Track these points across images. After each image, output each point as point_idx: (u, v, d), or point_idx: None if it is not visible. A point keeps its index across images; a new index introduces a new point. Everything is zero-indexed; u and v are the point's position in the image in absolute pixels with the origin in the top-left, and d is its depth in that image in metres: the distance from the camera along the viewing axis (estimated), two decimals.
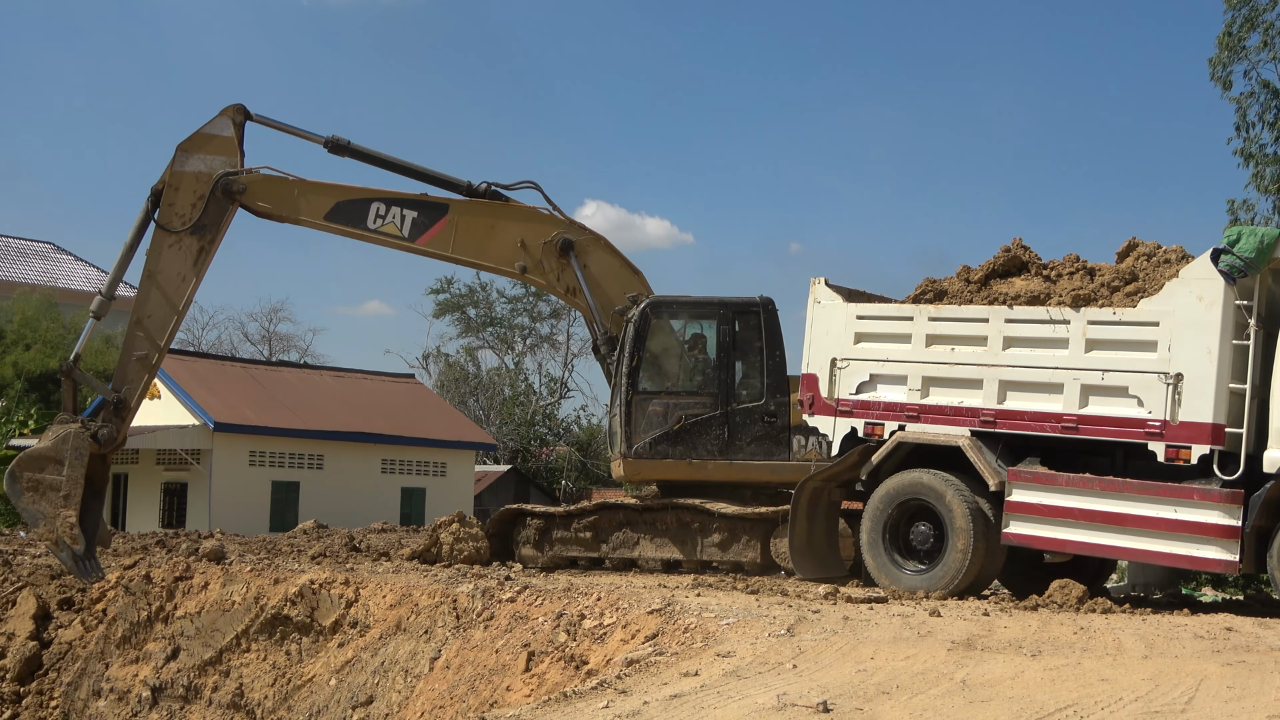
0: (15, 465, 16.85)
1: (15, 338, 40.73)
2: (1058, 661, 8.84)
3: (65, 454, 16.93)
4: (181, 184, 17.82)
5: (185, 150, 17.88)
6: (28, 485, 16.72)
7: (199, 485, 35.56)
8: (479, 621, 12.15)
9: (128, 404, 17.72)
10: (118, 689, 15.38)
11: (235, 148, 18.11)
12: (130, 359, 17.83)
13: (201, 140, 17.94)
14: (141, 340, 17.82)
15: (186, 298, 18.03)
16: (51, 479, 16.80)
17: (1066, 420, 12.93)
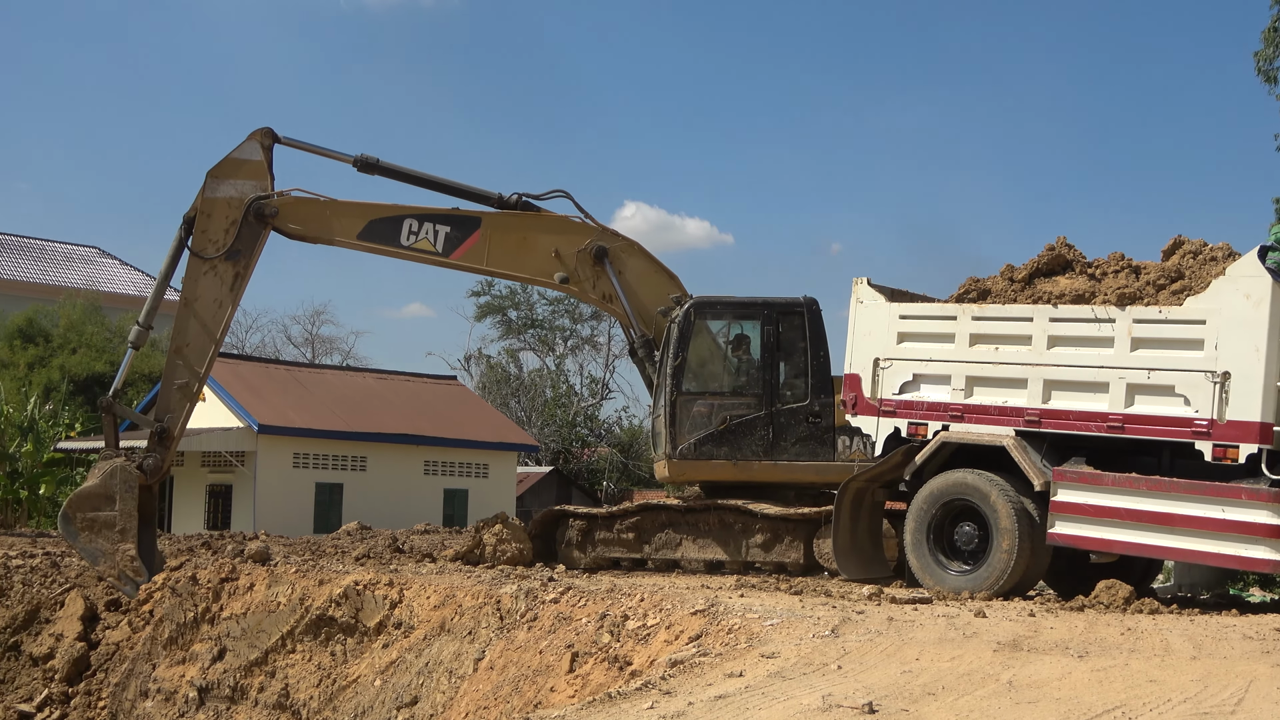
0: (67, 507, 17.10)
1: (61, 341, 41.13)
2: (1105, 662, 8.77)
3: (115, 489, 17.14)
4: (214, 210, 17.90)
5: (216, 176, 17.96)
6: (82, 525, 16.96)
7: (244, 487, 35.79)
8: (523, 622, 12.17)
9: (171, 433, 17.87)
10: (165, 689, 15.48)
11: (265, 171, 18.18)
12: (171, 388, 17.97)
13: (231, 166, 18.02)
14: (181, 369, 17.95)
15: (224, 324, 18.14)
16: (105, 515, 17.02)
17: (1112, 420, 12.83)
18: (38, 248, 53.53)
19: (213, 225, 17.87)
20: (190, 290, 17.90)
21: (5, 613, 17.42)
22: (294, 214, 18.29)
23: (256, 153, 18.13)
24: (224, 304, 17.99)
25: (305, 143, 18.70)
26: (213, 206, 17.89)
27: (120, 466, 17.23)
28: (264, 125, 18.18)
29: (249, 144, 18.12)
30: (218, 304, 17.94)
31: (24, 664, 17.05)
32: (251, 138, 18.14)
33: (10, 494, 33.47)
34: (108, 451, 17.77)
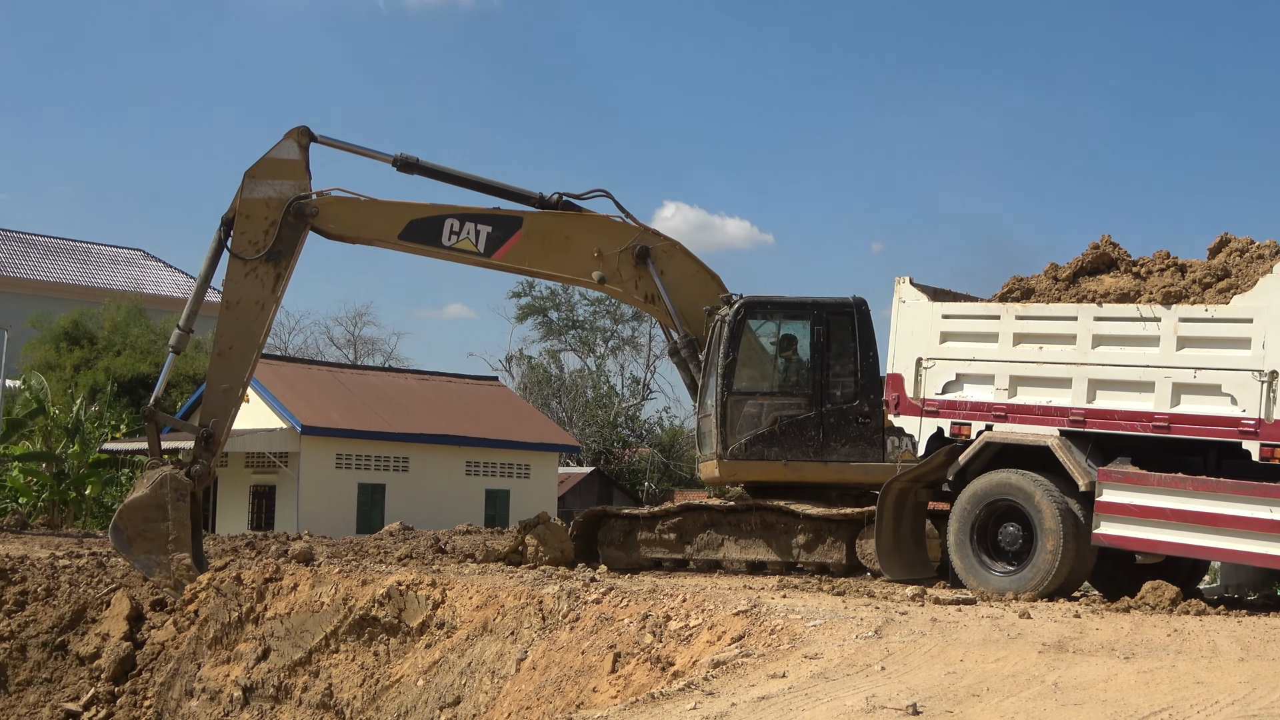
0: (118, 519, 17.11)
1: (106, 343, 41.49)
2: (1151, 664, 8.70)
3: (165, 497, 17.17)
4: (252, 211, 17.78)
5: (253, 177, 17.83)
6: (134, 536, 16.99)
7: (287, 488, 35.99)
8: (565, 623, 12.17)
9: (216, 438, 17.82)
10: (210, 689, 15.57)
11: (303, 170, 18.06)
12: (216, 392, 17.94)
13: (269, 166, 17.89)
14: (225, 372, 17.89)
15: (266, 326, 18.10)
16: (158, 526, 17.08)
17: (1158, 419, 12.73)
18: (83, 250, 54.02)
19: (252, 226, 17.79)
20: (231, 292, 17.85)
21: (52, 612, 17.57)
22: (334, 214, 18.24)
23: (294, 152, 18.04)
24: (265, 305, 17.95)
25: (341, 141, 18.63)
26: (251, 207, 17.78)
27: (169, 475, 17.27)
28: (301, 125, 18.15)
29: (285, 143, 18.02)
30: (259, 306, 17.89)
31: (70, 663, 17.18)
32: (288, 137, 18.04)
33: (57, 495, 33.79)
34: (153, 461, 17.81)
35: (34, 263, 51.02)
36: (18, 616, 17.58)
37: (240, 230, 17.78)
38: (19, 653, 17.29)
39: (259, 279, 17.84)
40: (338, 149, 18.65)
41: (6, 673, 17.23)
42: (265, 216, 17.80)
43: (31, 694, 17.08)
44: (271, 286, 17.90)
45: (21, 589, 17.84)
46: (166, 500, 17.11)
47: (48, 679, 17.16)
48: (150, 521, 17.09)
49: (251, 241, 17.78)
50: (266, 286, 17.88)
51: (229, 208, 17.90)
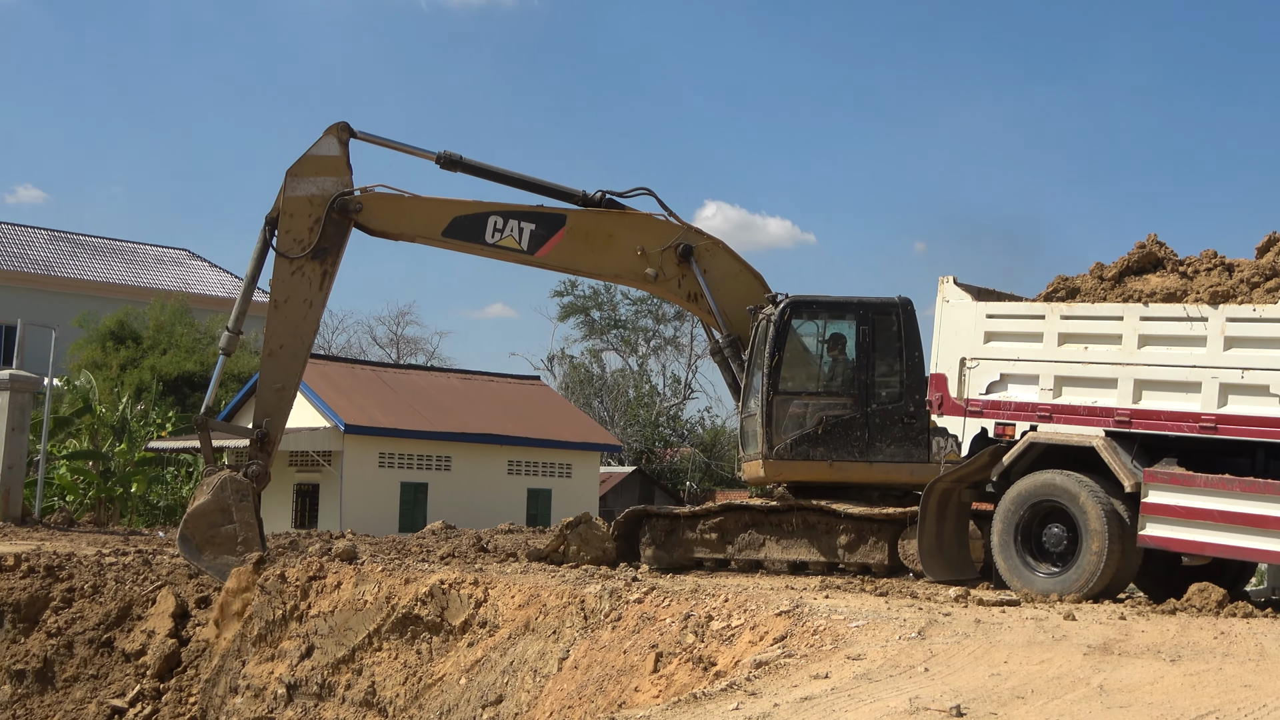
0: (184, 529, 17.21)
1: (151, 343, 41.82)
2: (1198, 667, 8.63)
3: (228, 500, 17.27)
4: (296, 210, 17.82)
5: (295, 175, 17.86)
6: (202, 543, 17.08)
7: (330, 486, 36.17)
8: (607, 622, 12.18)
9: (271, 437, 17.93)
10: (254, 686, 15.67)
11: (345, 167, 18.10)
12: (268, 392, 18.03)
13: (310, 163, 17.92)
14: (276, 372, 17.98)
15: (315, 324, 18.18)
16: (225, 530, 17.18)
17: (1204, 420, 12.62)
18: (129, 250, 54.47)
19: (296, 224, 17.83)
20: (279, 292, 17.90)
21: (99, 609, 17.72)
22: (378, 210, 18.27)
23: (334, 148, 18.05)
24: (313, 303, 18.02)
25: (381, 137, 18.64)
26: (295, 205, 17.82)
27: (228, 478, 17.39)
28: (340, 120, 18.15)
29: (326, 140, 18.04)
30: (307, 304, 17.96)
31: (116, 660, 17.33)
32: (328, 133, 18.05)
33: (104, 492, 34.11)
34: (210, 468, 17.93)
35: (82, 263, 51.48)
36: (65, 613, 17.76)
37: (285, 229, 17.82)
38: (66, 649, 17.46)
39: (306, 277, 17.91)
40: (378, 145, 18.70)
41: (54, 669, 17.41)
42: (309, 214, 17.85)
43: (78, 690, 17.25)
44: (318, 284, 17.96)
45: (69, 586, 18.02)
46: (230, 503, 17.22)
47: (94, 675, 17.32)
48: (216, 526, 17.20)
49: (296, 240, 17.83)
50: (313, 284, 17.94)
51: (273, 207, 17.95)
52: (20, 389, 25.45)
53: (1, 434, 25.05)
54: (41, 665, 17.41)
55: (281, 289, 17.90)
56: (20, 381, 25.53)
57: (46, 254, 50.91)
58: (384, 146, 18.76)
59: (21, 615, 17.88)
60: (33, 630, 17.77)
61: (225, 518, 17.09)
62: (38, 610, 17.86)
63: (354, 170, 18.15)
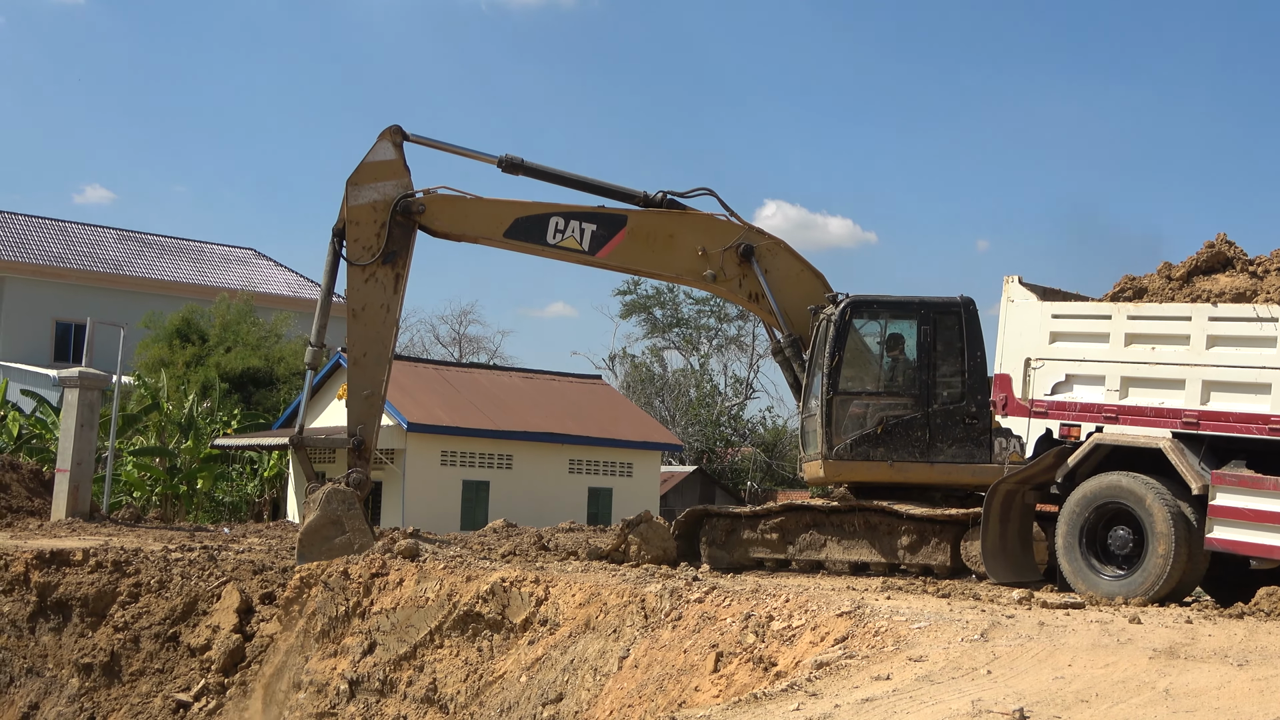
0: (301, 547, 17.54)
1: (217, 341, 42.23)
2: (1266, 672, 8.51)
3: (337, 512, 17.59)
4: (361, 218, 18.08)
5: (355, 184, 18.12)
6: (322, 556, 17.27)
7: (393, 484, 36.38)
8: (667, 621, 12.17)
9: (367, 444, 18.25)
10: (317, 681, 15.79)
11: (403, 169, 18.35)
12: (358, 399, 18.29)
13: (369, 170, 18.17)
14: (363, 379, 18.27)
15: (394, 326, 18.42)
16: (339, 541, 17.46)
17: (1274, 422, 12.44)
18: (195, 249, 55.04)
19: (363, 232, 18.09)
20: (355, 300, 18.15)
21: (165, 604, 17.94)
22: (441, 212, 18.47)
23: (390, 152, 18.30)
24: (390, 307, 18.27)
25: (434, 139, 18.85)
26: (360, 213, 18.07)
27: (332, 490, 17.69)
28: (393, 124, 18.35)
29: (381, 145, 18.28)
30: (384, 308, 18.21)
31: (182, 654, 17.53)
32: (382, 138, 18.30)
33: (170, 489, 34.51)
34: (312, 485, 18.21)
35: (150, 262, 52.07)
36: (131, 608, 17.98)
37: (353, 238, 18.09)
38: (132, 643, 17.69)
39: (379, 282, 18.16)
40: (431, 147, 18.88)
41: (120, 662, 17.64)
42: (374, 220, 18.09)
43: (144, 684, 17.46)
44: (393, 288, 18.23)
45: (135, 581, 18.25)
46: (339, 514, 17.56)
47: (160, 669, 17.53)
48: (329, 540, 17.50)
49: (365, 247, 18.09)
50: (388, 289, 18.20)
51: (338, 218, 18.25)
52: (89, 386, 25.79)
53: (71, 430, 25.39)
54: (108, 659, 17.65)
55: (357, 297, 18.15)
56: (89, 379, 25.87)
57: (116, 253, 51.54)
58: (439, 149, 18.93)
59: (89, 610, 18.14)
60: (100, 624, 18.02)
61: (337, 529, 17.37)
62: (105, 605, 18.10)
63: (415, 174, 18.40)
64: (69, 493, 25.03)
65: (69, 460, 25.20)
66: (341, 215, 18.19)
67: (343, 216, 18.17)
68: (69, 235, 51.72)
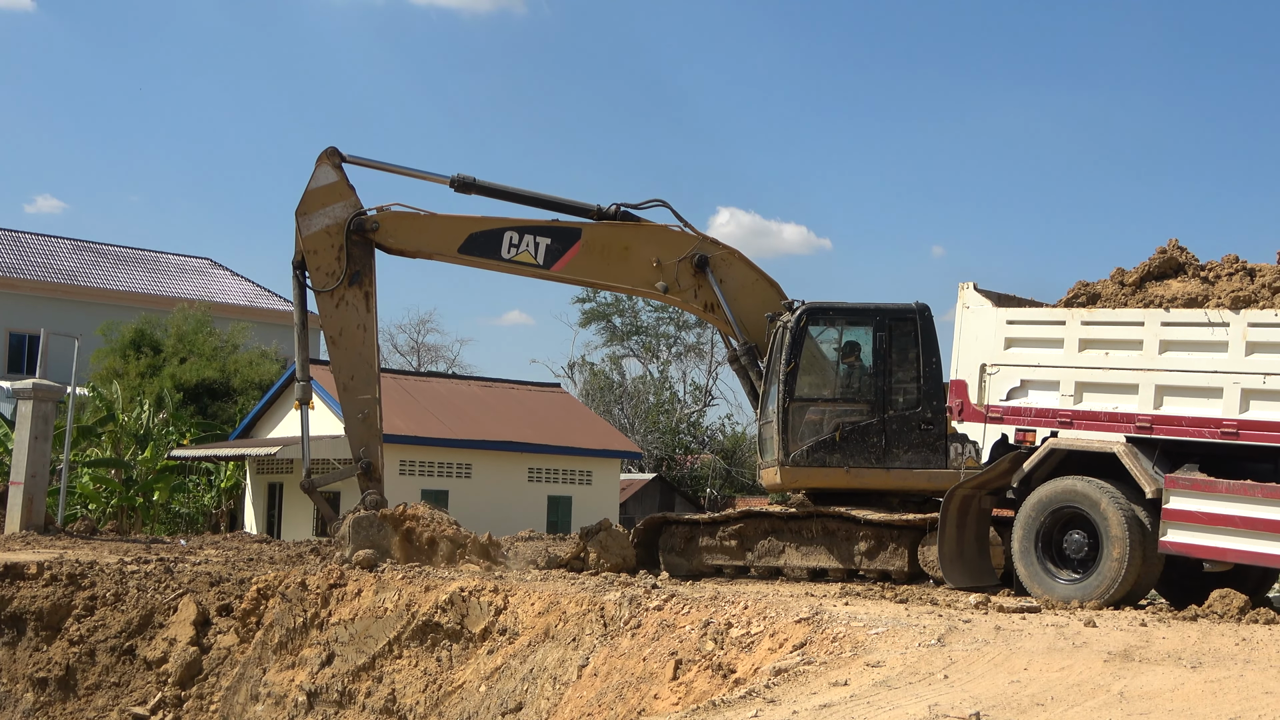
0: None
1: (172, 351, 41.93)
2: (1219, 674, 8.59)
3: (371, 537, 17.57)
4: (318, 245, 18.21)
5: (304, 214, 18.23)
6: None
7: (351, 494, 36.14)
8: (626, 629, 12.17)
9: (374, 465, 18.37)
10: (274, 693, 15.71)
11: (349, 189, 18.45)
12: (355, 423, 18.41)
13: (315, 197, 18.26)
14: (357, 402, 18.37)
15: (375, 344, 18.53)
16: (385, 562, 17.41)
17: (1226, 425, 12.57)
18: (151, 259, 54.68)
19: (323, 259, 18.21)
20: (331, 327, 18.26)
21: (120, 617, 17.79)
22: (395, 228, 18.54)
23: (332, 175, 18.40)
24: (366, 326, 18.40)
25: (373, 160, 18.96)
26: (315, 242, 18.21)
27: (356, 520, 17.67)
28: (328, 147, 18.43)
29: (321, 170, 18.37)
30: (361, 329, 18.34)
31: (138, 667, 17.40)
32: (320, 163, 18.39)
33: (126, 501, 34.23)
34: (336, 523, 18.28)
35: (105, 272, 51.67)
36: (87, 621, 17.82)
37: (314, 266, 18.24)
38: (88, 657, 17.53)
39: (350, 305, 18.31)
40: (374, 169, 18.89)
41: (76, 676, 17.48)
42: (331, 245, 18.23)
43: (100, 698, 17.31)
44: (365, 307, 18.38)
45: (91, 594, 18.08)
46: (374, 540, 17.54)
47: (115, 683, 17.38)
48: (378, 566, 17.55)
49: (328, 273, 18.21)
50: (360, 309, 18.35)
51: (295, 252, 18.35)
52: (43, 398, 25.56)
53: (25, 443, 25.16)
54: (64, 673, 17.49)
55: (332, 324, 18.27)
56: (43, 390, 25.63)
57: (70, 264, 51.13)
58: (382, 169, 18.94)
59: (44, 623, 17.96)
60: (55, 638, 17.84)
61: (381, 555, 17.33)
62: (60, 618, 17.93)
63: (366, 196, 18.65)
64: (23, 505, 24.81)
65: (23, 473, 24.97)
66: (298, 247, 18.29)
67: (299, 248, 18.27)
68: (22, 245, 51.28)
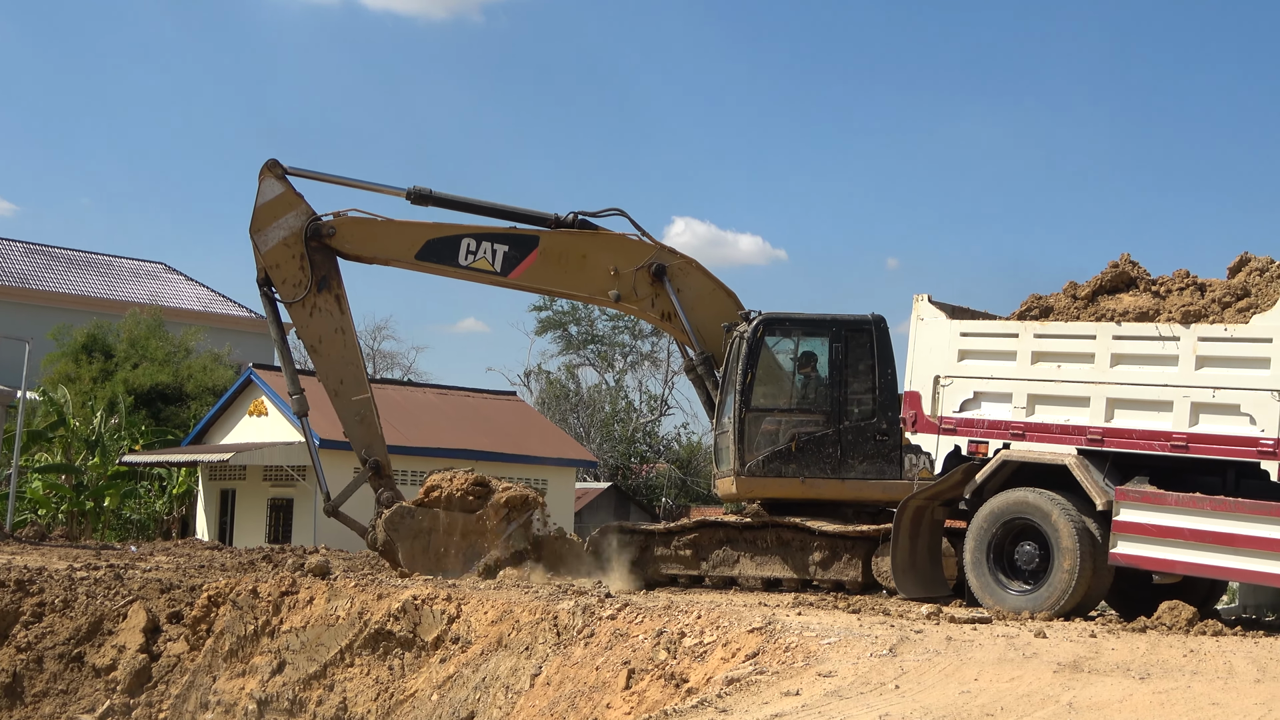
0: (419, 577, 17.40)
1: (125, 356, 41.59)
2: (1167, 685, 8.66)
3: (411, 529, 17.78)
4: (278, 259, 18.26)
5: (258, 231, 18.28)
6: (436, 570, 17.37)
7: (304, 501, 36.02)
8: (579, 638, 12.16)
9: (382, 464, 18.68)
10: (224, 701, 15.59)
11: (298, 198, 18.50)
12: (353, 425, 18.65)
13: (265, 212, 18.31)
14: (351, 405, 18.53)
15: (356, 344, 18.71)
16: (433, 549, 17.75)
17: (1176, 438, 12.69)
18: (104, 263, 54.24)
19: (287, 271, 18.25)
20: (309, 337, 18.37)
21: (69, 624, 17.62)
22: (351, 234, 18.54)
23: (277, 187, 18.42)
24: (344, 329, 18.49)
25: (315, 171, 19.04)
26: (275, 257, 18.24)
27: (387, 519, 17.80)
28: (268, 159, 18.45)
29: (266, 184, 18.39)
30: (339, 332, 18.42)
31: (87, 674, 17.23)
32: (264, 178, 18.41)
33: (76, 506, 33.94)
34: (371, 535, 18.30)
35: (57, 275, 51.21)
36: (35, 628, 17.64)
37: (280, 280, 18.29)
38: (36, 664, 17.35)
39: (323, 311, 18.38)
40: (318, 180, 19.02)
41: (23, 683, 17.29)
42: (292, 256, 18.27)
43: (47, 705, 17.13)
44: (338, 310, 18.46)
45: (39, 600, 17.91)
46: (414, 528, 17.72)
47: (64, 690, 17.21)
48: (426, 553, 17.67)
49: (295, 284, 18.26)
50: (334, 314, 18.42)
51: (257, 270, 18.38)
52: None
53: None
54: (10, 680, 17.29)
55: (310, 333, 18.35)
56: None
57: (22, 267, 50.64)
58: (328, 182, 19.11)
59: None
60: (2, 644, 17.64)
61: (424, 540, 17.39)
62: (7, 625, 17.73)
63: (327, 204, 18.66)
64: None
65: None
66: (259, 265, 18.31)
67: (261, 266, 18.30)
68: None
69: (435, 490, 18.25)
